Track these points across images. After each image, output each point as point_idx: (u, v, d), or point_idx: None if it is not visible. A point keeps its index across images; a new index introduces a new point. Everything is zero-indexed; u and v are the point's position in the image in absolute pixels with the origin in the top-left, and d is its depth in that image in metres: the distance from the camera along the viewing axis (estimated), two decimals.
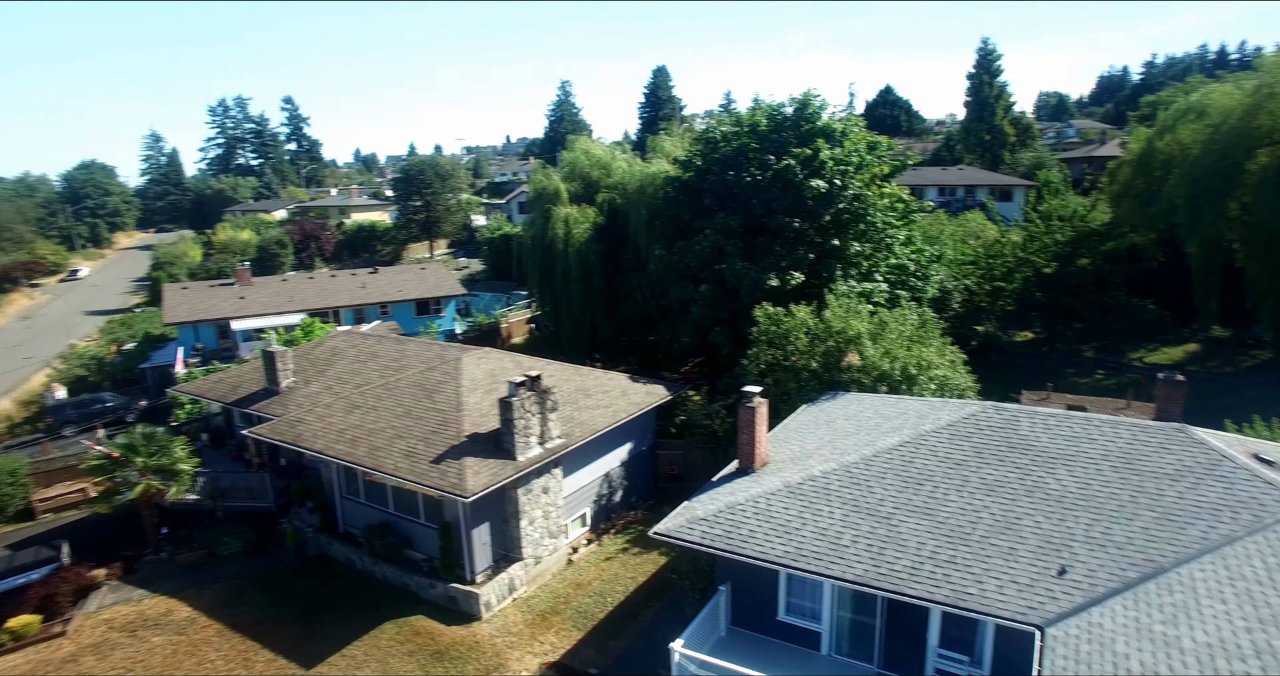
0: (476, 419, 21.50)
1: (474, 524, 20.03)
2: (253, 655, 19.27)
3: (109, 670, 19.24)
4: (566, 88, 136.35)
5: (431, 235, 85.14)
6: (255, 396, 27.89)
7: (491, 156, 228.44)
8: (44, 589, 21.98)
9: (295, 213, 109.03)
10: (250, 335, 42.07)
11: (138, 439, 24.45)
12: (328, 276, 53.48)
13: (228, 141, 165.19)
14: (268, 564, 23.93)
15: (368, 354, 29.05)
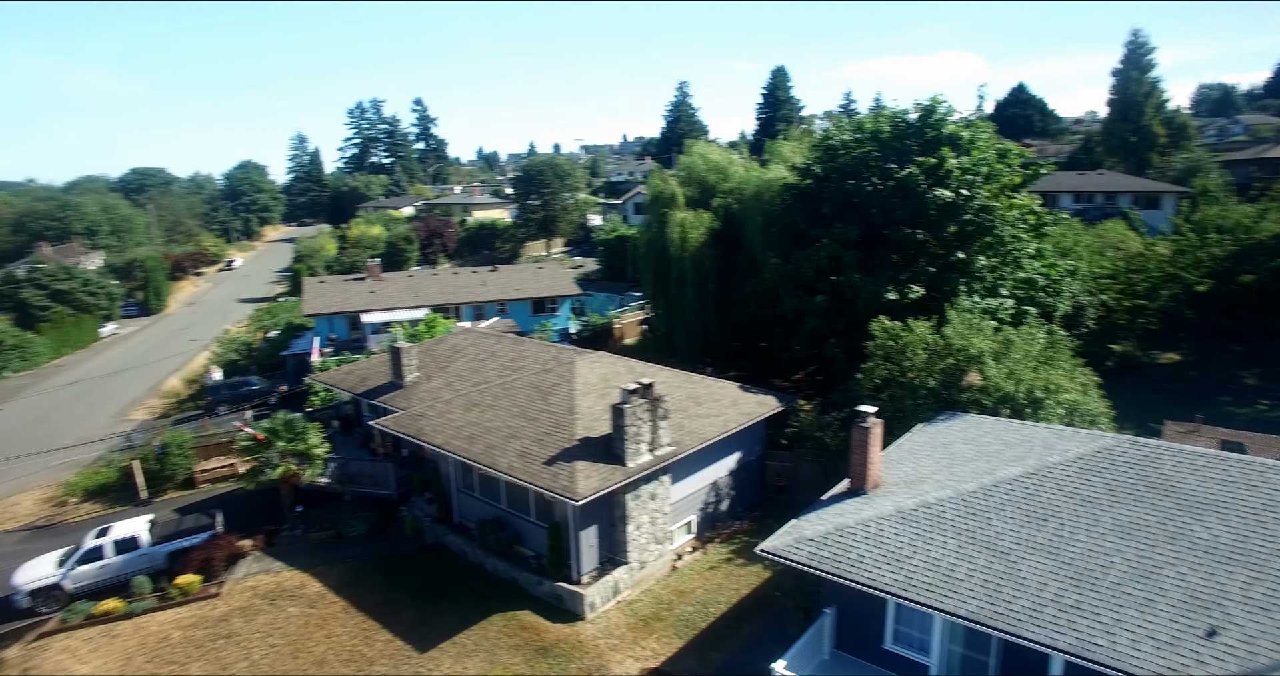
0: (588, 423, 22.04)
1: (582, 526, 20.57)
2: (373, 634, 20.55)
3: (253, 633, 21.04)
4: (684, 88, 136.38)
5: (549, 234, 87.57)
6: (382, 389, 29.65)
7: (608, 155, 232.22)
8: (203, 553, 24.31)
9: (422, 210, 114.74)
10: (378, 328, 44.64)
11: (279, 424, 26.52)
12: (450, 273, 56.04)
13: (363, 141, 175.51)
14: (388, 548, 25.42)
15: (487, 353, 30.30)
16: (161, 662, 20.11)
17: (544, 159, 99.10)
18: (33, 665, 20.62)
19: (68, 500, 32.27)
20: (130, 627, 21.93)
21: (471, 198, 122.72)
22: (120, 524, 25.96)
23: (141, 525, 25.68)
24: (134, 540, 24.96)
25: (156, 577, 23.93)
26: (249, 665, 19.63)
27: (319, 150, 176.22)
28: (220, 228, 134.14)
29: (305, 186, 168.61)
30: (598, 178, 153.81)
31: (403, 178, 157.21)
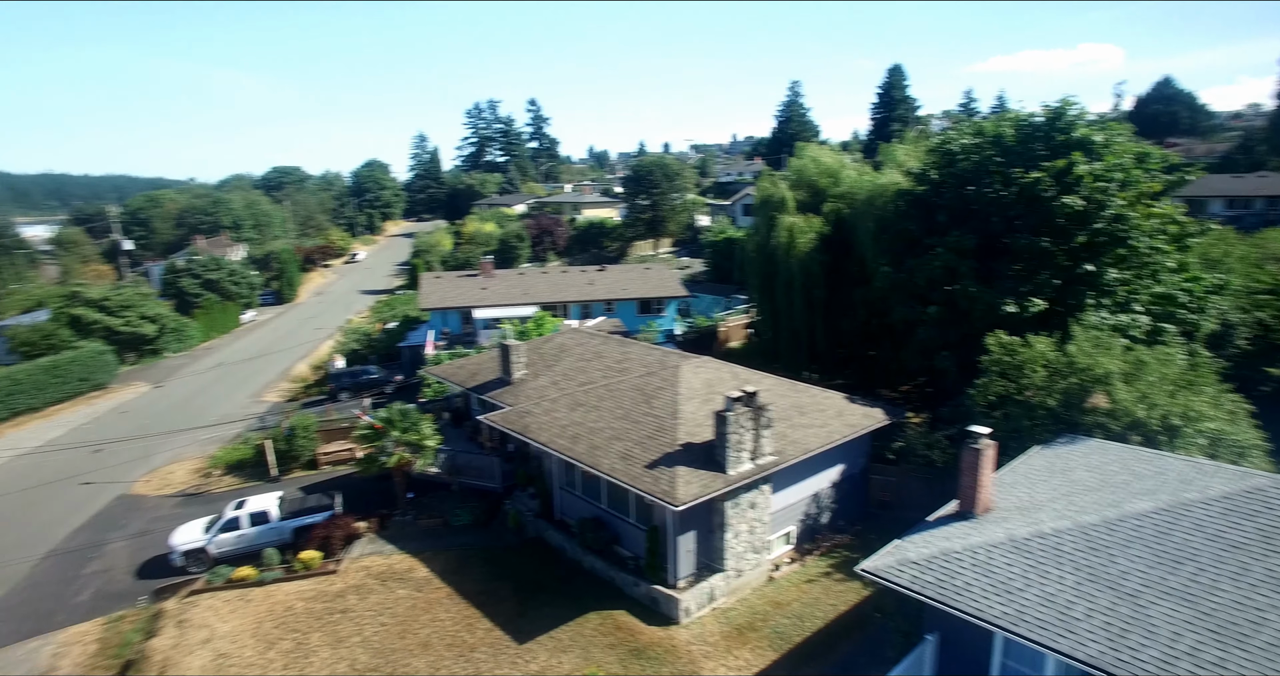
0: (691, 428, 22.16)
1: (680, 531, 20.72)
2: (475, 622, 21.40)
3: (366, 610, 22.36)
4: (796, 88, 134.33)
5: (656, 234, 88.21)
6: (491, 384, 30.78)
7: (717, 155, 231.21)
8: (324, 531, 26.03)
9: (533, 208, 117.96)
10: (489, 323, 46.24)
11: (395, 414, 28.02)
12: (559, 272, 57.39)
13: (479, 141, 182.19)
14: (491, 539, 26.38)
15: (593, 353, 30.91)
16: (286, 630, 21.69)
17: (653, 159, 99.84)
18: (186, 618, 22.72)
19: (212, 472, 35.28)
20: (261, 594, 23.77)
21: (582, 196, 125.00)
22: (254, 498, 28.18)
23: (272, 501, 27.77)
24: (265, 514, 27.05)
25: (283, 550, 25.86)
26: (361, 640, 20.87)
27: (438, 149, 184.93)
28: (347, 222, 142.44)
29: (424, 183, 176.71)
30: (706, 178, 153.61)
31: (516, 176, 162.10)
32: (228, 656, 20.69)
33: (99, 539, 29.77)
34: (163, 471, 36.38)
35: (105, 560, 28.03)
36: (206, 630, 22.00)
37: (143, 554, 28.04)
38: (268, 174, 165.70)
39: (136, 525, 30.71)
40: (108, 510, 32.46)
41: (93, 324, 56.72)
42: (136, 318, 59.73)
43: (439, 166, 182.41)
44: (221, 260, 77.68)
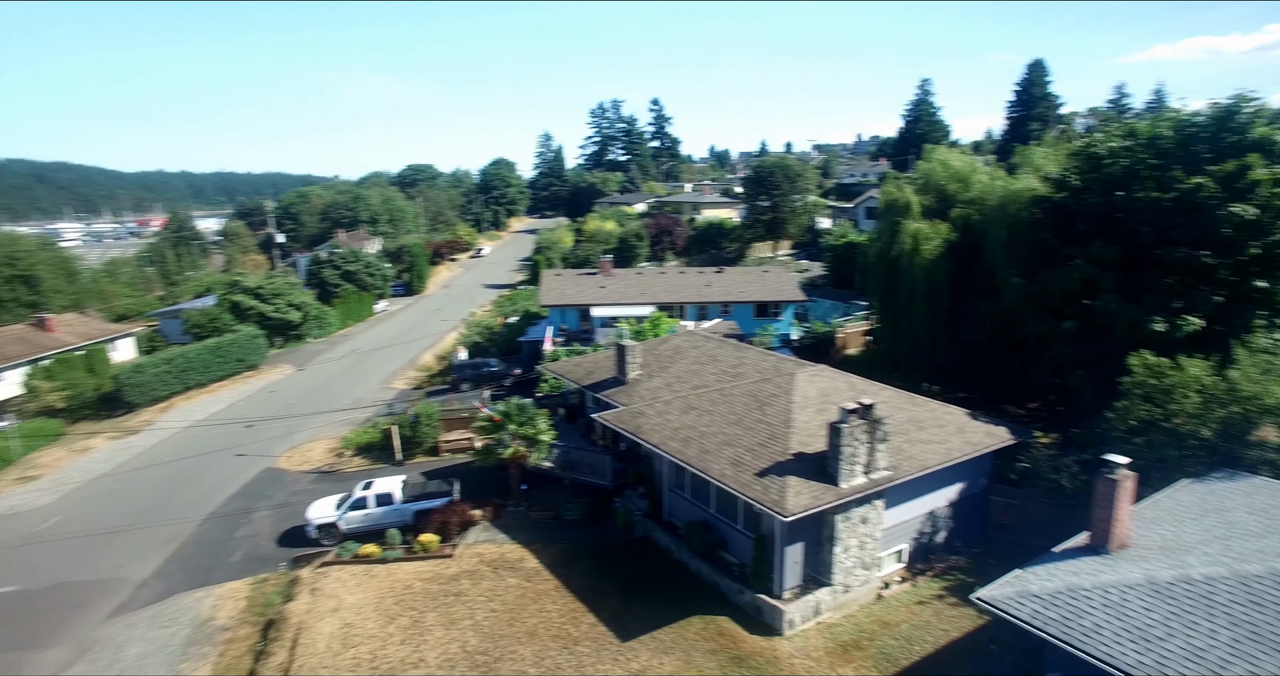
0: (804, 438, 21.82)
1: (788, 541, 20.47)
2: (580, 615, 21.92)
3: (478, 595, 23.35)
4: (926, 87, 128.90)
5: (776, 235, 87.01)
6: (606, 383, 31.37)
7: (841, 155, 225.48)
8: (442, 516, 27.38)
9: (653, 207, 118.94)
10: (606, 322, 47.09)
11: (513, 408, 29.07)
12: (677, 272, 57.70)
13: (602, 140, 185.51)
14: (599, 535, 26.93)
15: (707, 356, 30.95)
16: (405, 607, 22.99)
17: (774, 159, 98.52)
18: (318, 586, 24.54)
19: (344, 452, 37.82)
20: (383, 571, 25.31)
21: (701, 196, 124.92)
22: (380, 480, 30.01)
23: (396, 483, 29.48)
24: (390, 496, 28.74)
25: (404, 531, 27.37)
26: (472, 624, 21.82)
27: (562, 148, 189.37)
28: (473, 218, 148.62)
29: (548, 181, 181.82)
30: (829, 179, 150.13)
31: (637, 175, 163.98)
32: (353, 626, 22.16)
33: (249, 506, 32.58)
34: (303, 448, 39.33)
35: (253, 526, 30.65)
36: (335, 600, 23.64)
37: (283, 523, 30.43)
38: (403, 171, 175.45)
39: (279, 497, 33.37)
40: (256, 481, 35.45)
41: (249, 310, 61.97)
42: (285, 305, 64.77)
43: (563, 165, 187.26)
44: (359, 253, 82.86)
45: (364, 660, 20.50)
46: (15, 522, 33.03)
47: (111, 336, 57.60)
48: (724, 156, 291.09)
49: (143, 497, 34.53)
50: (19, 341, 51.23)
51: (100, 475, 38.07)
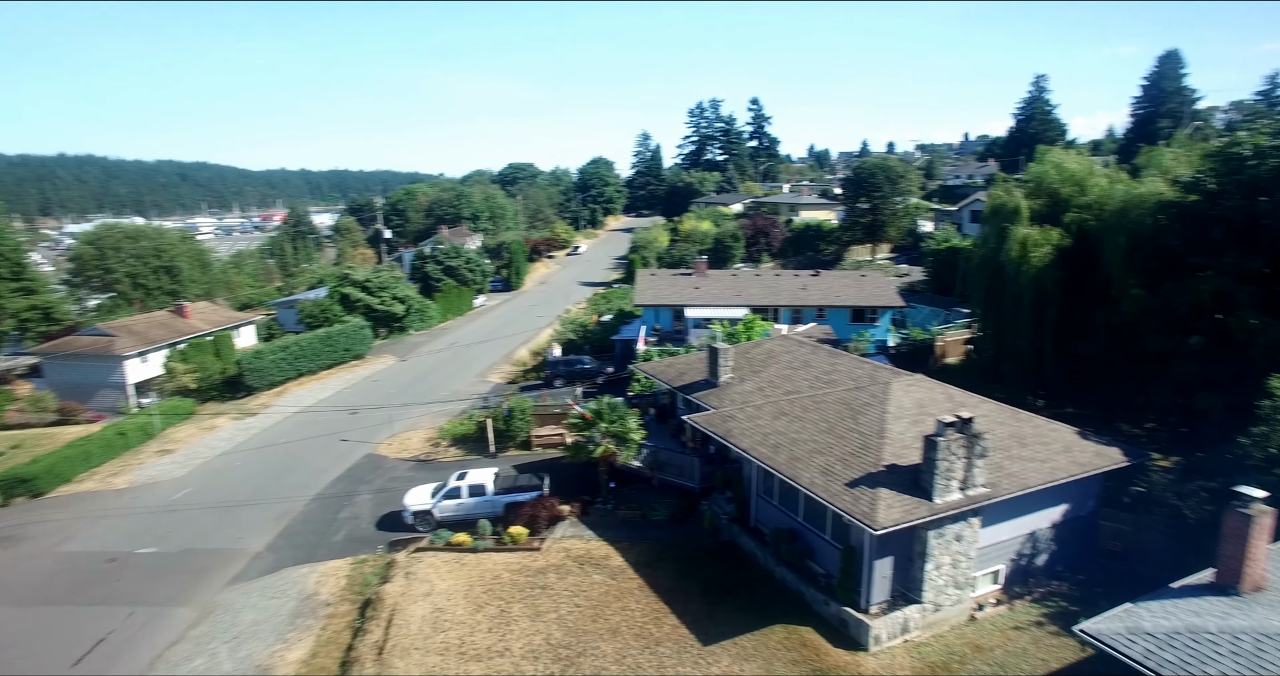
0: (897, 449, 21.22)
1: (878, 555, 19.95)
2: (663, 616, 22.03)
3: (563, 589, 23.83)
4: (1040, 83, 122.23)
5: (875, 238, 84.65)
6: (697, 385, 31.37)
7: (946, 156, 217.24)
8: (531, 510, 28.08)
9: (750, 207, 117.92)
10: (699, 323, 47.09)
11: (604, 407, 29.48)
12: (772, 274, 57.05)
13: (700, 139, 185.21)
14: (685, 537, 26.98)
15: (800, 361, 30.49)
16: (492, 596, 23.71)
17: (875, 160, 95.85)
18: (412, 570, 25.65)
19: (440, 442, 39.31)
20: (473, 560, 26.19)
21: (799, 197, 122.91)
22: (474, 471, 31.02)
23: (489, 475, 30.41)
24: (482, 487, 29.68)
25: (495, 522, 28.23)
26: (556, 617, 22.29)
27: (660, 147, 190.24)
28: (571, 216, 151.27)
29: (645, 180, 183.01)
30: (932, 180, 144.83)
31: (734, 175, 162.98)
32: (443, 611, 23.03)
33: (351, 489, 34.37)
34: (402, 436, 41.12)
35: (354, 509, 32.31)
36: (427, 585, 24.63)
37: (382, 508, 31.93)
38: (504, 170, 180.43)
39: (379, 482, 35.03)
40: (358, 466, 37.34)
41: (357, 302, 65.24)
42: (390, 298, 67.81)
43: (660, 164, 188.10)
44: (461, 249, 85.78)
45: (453, 644, 21.28)
46: (155, 491, 36.08)
47: (236, 324, 61.86)
48: (823, 156, 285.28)
49: (259, 476, 36.97)
50: (161, 326, 55.76)
51: (223, 452, 41.01)
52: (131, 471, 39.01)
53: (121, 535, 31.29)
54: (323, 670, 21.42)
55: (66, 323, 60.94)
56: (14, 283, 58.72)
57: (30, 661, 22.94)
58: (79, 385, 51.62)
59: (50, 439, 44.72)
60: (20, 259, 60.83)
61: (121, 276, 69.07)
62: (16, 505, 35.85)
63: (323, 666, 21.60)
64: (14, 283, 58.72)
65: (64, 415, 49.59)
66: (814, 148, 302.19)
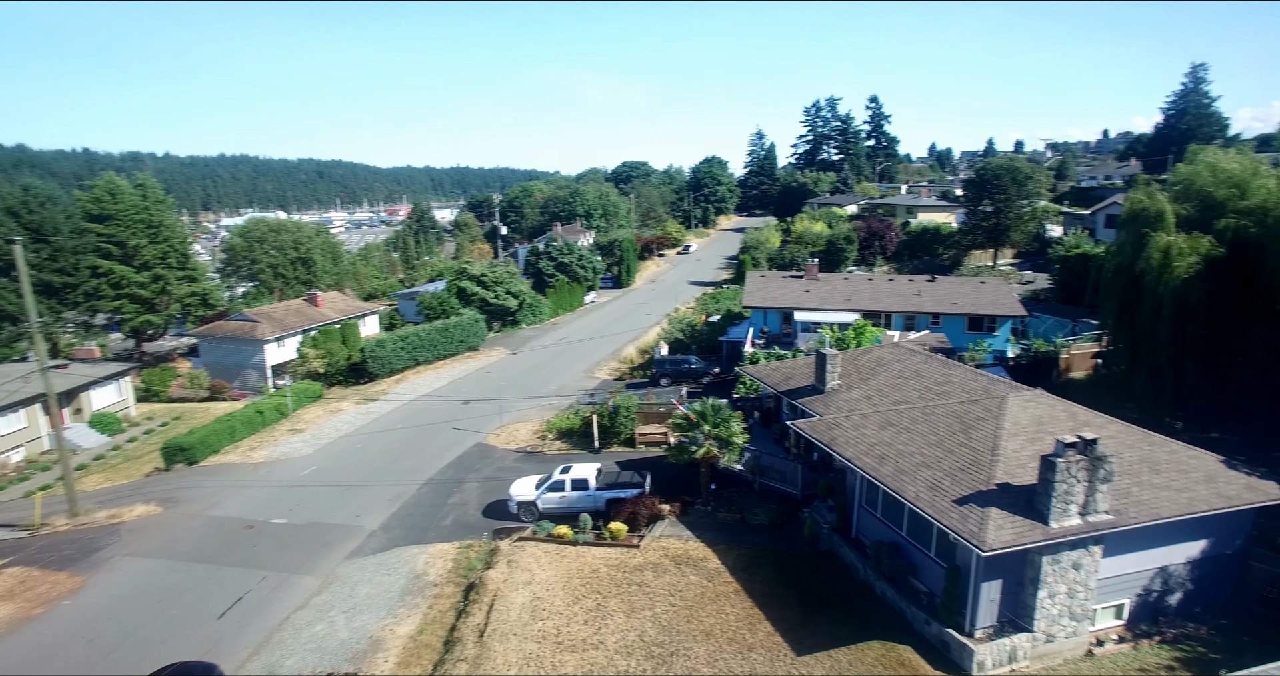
0: (1010, 468, 20.21)
1: (986, 577, 19.07)
2: (757, 622, 21.86)
3: (659, 588, 24.03)
4: (1198, 73, 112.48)
5: (997, 243, 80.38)
6: (803, 390, 30.90)
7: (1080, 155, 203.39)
8: (632, 507, 28.43)
9: (865, 209, 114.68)
10: (808, 327, 46.28)
11: (708, 408, 29.50)
12: (885, 279, 55.32)
13: (815, 138, 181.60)
14: (784, 543, 26.65)
15: (911, 371, 29.50)
16: (590, 589, 24.23)
17: (1000, 161, 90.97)
18: (514, 559, 26.57)
19: (547, 435, 40.43)
20: (573, 553, 26.82)
21: (917, 199, 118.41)
22: (578, 466, 31.73)
23: (592, 471, 31.03)
24: (585, 482, 30.31)
25: (595, 517, 28.76)
26: (651, 615, 22.53)
27: (774, 146, 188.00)
28: (683, 215, 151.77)
29: (758, 180, 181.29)
30: (1064, 181, 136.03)
31: (850, 175, 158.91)
32: (542, 600, 23.74)
33: (460, 476, 35.93)
34: (510, 428, 42.59)
35: (463, 495, 33.76)
36: (528, 573, 25.46)
37: (488, 496, 33.21)
38: (618, 168, 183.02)
39: (487, 470, 36.44)
40: (468, 454, 38.98)
41: (473, 295, 68.03)
42: (504, 292, 70.31)
43: (774, 163, 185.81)
44: (573, 245, 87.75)
45: (549, 633, 21.92)
46: (286, 467, 39.01)
47: (362, 313, 65.88)
48: (945, 156, 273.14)
49: (377, 458, 39.26)
50: (296, 313, 60.17)
51: (346, 434, 43.78)
52: (267, 447, 42.30)
53: (257, 505, 34.01)
54: (428, 647, 22.56)
55: (219, 308, 66.82)
56: (180, 271, 64.84)
57: (183, 611, 25.48)
58: (227, 365, 56.55)
59: (203, 413, 49.30)
60: (186, 250, 67.09)
61: (265, 266, 75.02)
62: (176, 471, 39.68)
63: (428, 643, 22.74)
64: (180, 271, 64.84)
65: (214, 392, 54.50)
66: (935, 147, 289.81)
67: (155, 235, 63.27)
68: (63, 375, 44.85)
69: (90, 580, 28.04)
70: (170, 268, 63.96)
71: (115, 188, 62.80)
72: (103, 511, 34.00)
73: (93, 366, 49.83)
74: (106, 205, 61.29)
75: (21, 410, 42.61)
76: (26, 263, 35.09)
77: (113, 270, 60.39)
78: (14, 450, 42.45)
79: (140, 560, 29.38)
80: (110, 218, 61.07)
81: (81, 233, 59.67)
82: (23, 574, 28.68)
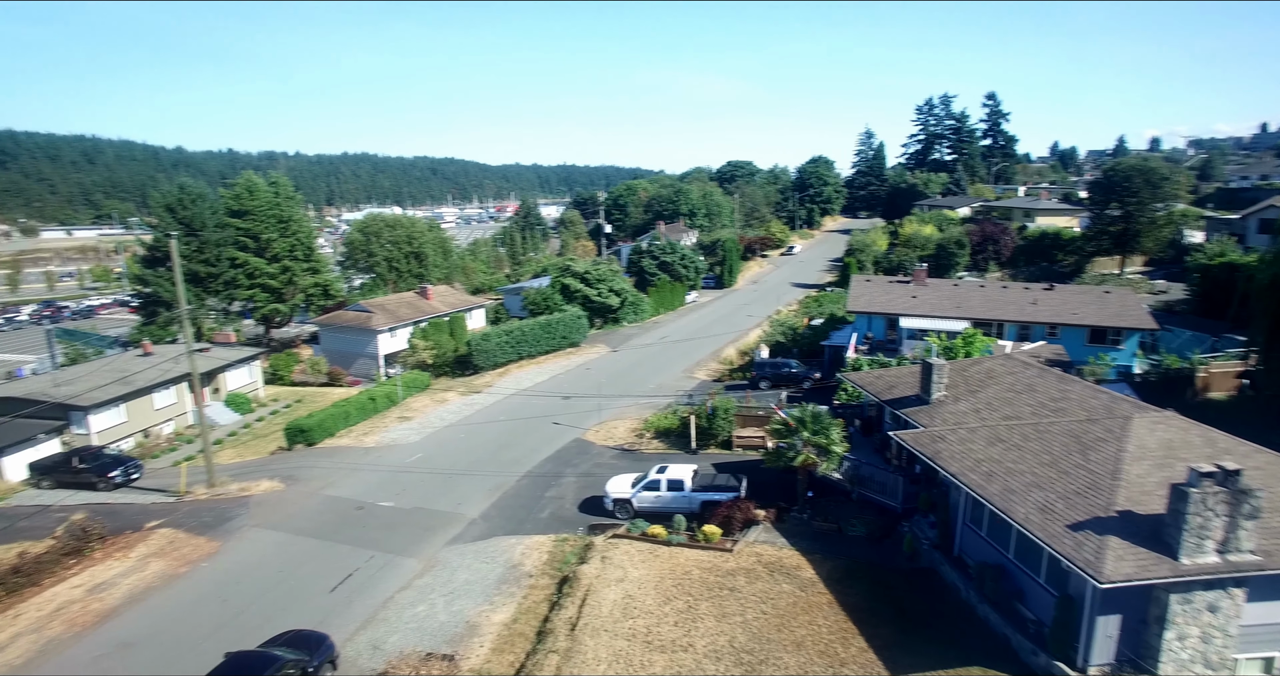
0: (1134, 495, 18.88)
1: (1102, 610, 17.91)
2: (850, 637, 21.33)
3: (751, 594, 23.84)
4: None
5: (1125, 250, 74.99)
6: (907, 400, 29.90)
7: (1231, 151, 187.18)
8: (726, 510, 28.30)
9: (978, 212, 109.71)
10: (914, 334, 44.72)
11: (808, 415, 29.00)
12: (998, 286, 52.76)
13: (927, 138, 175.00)
14: (882, 557, 25.89)
15: (1024, 385, 28.04)
16: (681, 591, 24.30)
17: (1132, 161, 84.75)
18: (608, 555, 26.98)
19: (644, 434, 40.77)
20: (666, 553, 26.96)
21: (1036, 201, 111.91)
22: (674, 466, 31.85)
23: (688, 472, 31.07)
24: (681, 483, 30.39)
25: (690, 519, 28.78)
26: (742, 621, 22.38)
27: (883, 145, 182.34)
28: (787, 215, 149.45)
29: (865, 180, 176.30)
30: (1208, 182, 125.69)
31: (963, 176, 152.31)
32: (633, 598, 23.99)
33: (558, 470, 36.74)
34: (609, 424, 43.18)
35: (560, 489, 34.52)
36: (621, 571, 25.78)
37: (585, 491, 33.80)
38: (722, 167, 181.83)
39: (584, 466, 37.10)
40: (566, 449, 39.79)
41: (576, 292, 69.31)
42: (607, 290, 71.26)
43: (882, 163, 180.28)
44: (676, 245, 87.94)
45: (639, 632, 22.13)
46: (395, 453, 41.01)
47: (469, 307, 68.33)
48: (1068, 156, 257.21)
49: (479, 449, 40.66)
50: (408, 306, 63.09)
51: (451, 424, 45.56)
52: (378, 433, 44.56)
53: (368, 487, 35.91)
54: (521, 635, 23.22)
55: (339, 298, 70.87)
56: (305, 263, 69.32)
57: (300, 581, 27.34)
58: (344, 353, 59.93)
59: (321, 397, 52.49)
60: (311, 243, 71.64)
61: (380, 260, 78.95)
62: (296, 450, 42.47)
63: (521, 632, 23.41)
64: (305, 263, 69.32)
65: (331, 378, 57.89)
66: (1057, 146, 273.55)
67: (285, 229, 67.87)
68: (205, 357, 48.79)
69: (224, 546, 30.50)
70: (297, 259, 68.43)
71: (253, 185, 67.69)
72: (235, 484, 36.81)
73: (229, 350, 53.99)
74: (245, 201, 66.20)
75: (172, 387, 46.93)
76: (179, 254, 38.28)
77: (248, 261, 65.21)
78: (166, 423, 46.91)
79: (265, 531, 31.63)
80: (247, 213, 65.92)
81: (223, 226, 64.82)
82: (172, 535, 31.59)
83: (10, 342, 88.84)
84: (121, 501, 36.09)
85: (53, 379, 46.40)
